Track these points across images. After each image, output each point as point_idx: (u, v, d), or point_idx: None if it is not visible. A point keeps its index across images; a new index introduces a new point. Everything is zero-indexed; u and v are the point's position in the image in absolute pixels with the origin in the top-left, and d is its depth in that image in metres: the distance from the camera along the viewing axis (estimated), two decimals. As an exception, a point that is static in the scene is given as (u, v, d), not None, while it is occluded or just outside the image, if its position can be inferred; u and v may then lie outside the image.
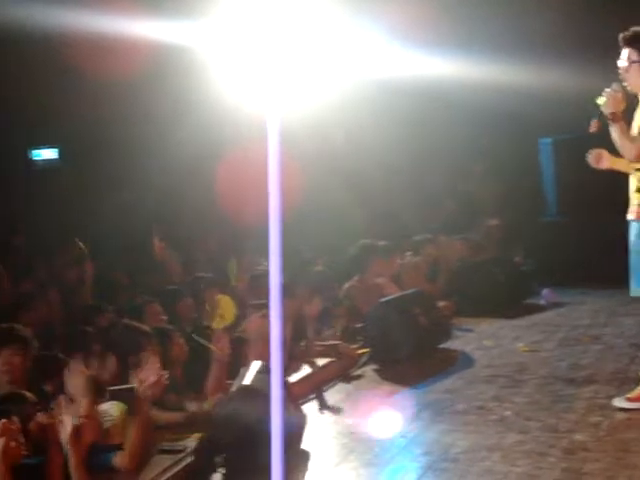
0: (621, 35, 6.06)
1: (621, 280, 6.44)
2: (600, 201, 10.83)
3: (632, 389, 6.18)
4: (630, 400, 6.07)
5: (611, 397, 6.28)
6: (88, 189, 10.96)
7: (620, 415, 5.97)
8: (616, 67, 6.09)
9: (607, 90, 6.01)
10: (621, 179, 6.35)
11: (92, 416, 4.87)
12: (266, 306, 6.72)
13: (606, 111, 5.99)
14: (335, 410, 6.68)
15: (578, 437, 5.62)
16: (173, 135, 10.62)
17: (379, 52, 11.33)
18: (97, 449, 4.96)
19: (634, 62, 6.00)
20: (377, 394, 7.07)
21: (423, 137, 13.32)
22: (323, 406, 6.78)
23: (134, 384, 5.26)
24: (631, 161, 6.04)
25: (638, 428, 5.73)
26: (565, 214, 11.72)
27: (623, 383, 6.60)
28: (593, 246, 10.86)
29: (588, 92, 6.18)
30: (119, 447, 5.06)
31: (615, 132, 5.98)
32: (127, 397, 5.18)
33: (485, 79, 11.51)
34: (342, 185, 13.11)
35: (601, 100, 6.01)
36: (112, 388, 5.27)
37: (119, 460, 5.05)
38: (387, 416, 6.41)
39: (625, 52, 6.05)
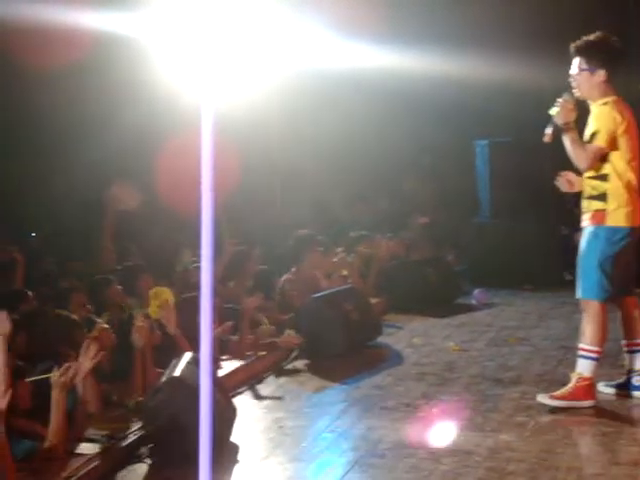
0: (572, 44, 6.19)
1: (551, 283, 6.53)
2: (532, 204, 11.01)
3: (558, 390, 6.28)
4: (554, 397, 6.17)
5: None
6: (22, 175, 10.80)
7: (545, 416, 6.06)
8: (567, 75, 6.23)
9: (559, 100, 6.12)
10: (554, 185, 6.48)
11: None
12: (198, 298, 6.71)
13: (559, 122, 6.10)
14: (264, 404, 6.68)
15: (503, 437, 5.68)
16: (112, 125, 10.52)
17: (321, 44, 11.33)
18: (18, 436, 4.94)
19: (583, 70, 6.14)
20: (307, 389, 7.09)
21: (361, 131, 13.36)
22: (253, 399, 6.78)
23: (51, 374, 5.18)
24: (584, 170, 6.17)
25: (563, 429, 5.82)
26: (498, 216, 11.85)
27: (550, 385, 6.69)
28: (525, 248, 11.00)
29: (526, 98, 6.27)
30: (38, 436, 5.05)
31: (568, 142, 6.11)
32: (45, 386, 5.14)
33: (429, 74, 11.60)
34: (276, 179, 13.11)
35: (554, 111, 6.12)
36: (30, 379, 5.22)
37: (42, 448, 5.01)
38: (316, 411, 6.44)
39: (576, 60, 6.19)
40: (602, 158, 6.11)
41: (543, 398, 6.22)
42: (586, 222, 6.23)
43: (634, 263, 6.28)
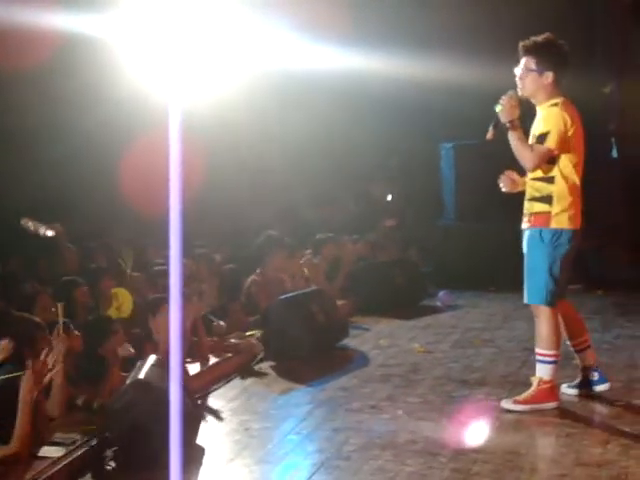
0: (521, 43, 6.19)
1: (515, 285, 6.56)
2: (496, 207, 11.05)
3: (522, 392, 6.31)
4: (517, 402, 6.20)
5: (502, 399, 6.40)
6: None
7: (510, 417, 6.09)
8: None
9: (503, 97, 6.12)
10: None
11: None
12: (165, 300, 6.71)
13: (503, 119, 6.10)
14: (230, 406, 6.66)
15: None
16: (77, 126, 10.47)
17: (289, 44, 11.34)
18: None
19: (532, 71, 6.13)
20: (272, 391, 7.08)
21: (328, 132, 13.37)
22: (218, 401, 6.76)
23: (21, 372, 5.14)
24: (529, 170, 6.15)
25: (527, 430, 5.86)
26: (463, 218, 11.90)
27: (514, 386, 6.74)
28: (489, 251, 11.06)
29: (492, 100, 6.28)
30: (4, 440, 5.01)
31: (513, 140, 6.08)
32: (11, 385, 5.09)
33: (395, 76, 11.63)
34: (244, 178, 13.09)
35: (498, 108, 6.12)
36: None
37: (6, 450, 4.97)
38: (282, 413, 6.44)
39: (523, 60, 6.18)
40: (549, 160, 6.08)
41: (507, 404, 6.24)
42: (527, 224, 6.20)
43: (572, 266, 6.29)
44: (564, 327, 6.40)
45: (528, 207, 6.21)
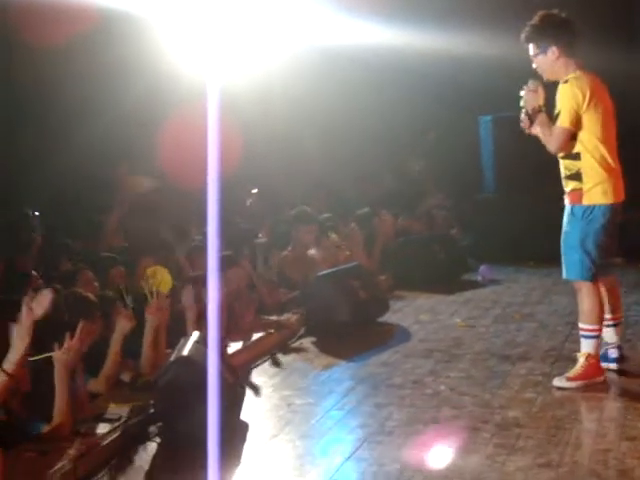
0: (521, 35, 6.16)
1: (555, 259, 6.51)
2: (536, 179, 10.96)
3: (566, 367, 6.27)
4: (569, 379, 6.15)
5: (545, 374, 6.38)
6: (26, 152, 10.76)
7: (553, 393, 6.06)
8: None
9: (525, 86, 6.09)
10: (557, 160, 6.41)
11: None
12: (203, 278, 6.71)
13: (527, 107, 6.07)
14: (272, 382, 6.68)
15: (512, 413, 5.69)
16: (117, 101, 10.48)
17: (324, 19, 11.30)
18: (24, 418, 4.95)
19: (537, 55, 6.10)
20: (314, 366, 7.09)
21: (365, 108, 13.31)
22: (261, 377, 6.78)
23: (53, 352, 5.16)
24: (555, 153, 6.11)
25: (571, 406, 5.82)
26: (503, 191, 11.82)
27: (557, 360, 6.71)
28: (529, 224, 10.98)
29: (530, 72, 6.23)
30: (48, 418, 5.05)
31: (537, 127, 6.07)
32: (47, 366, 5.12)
33: (430, 51, 11.56)
34: (281, 154, 13.08)
35: (522, 100, 6.10)
36: (31, 359, 5.20)
37: (48, 429, 5.02)
38: (324, 388, 6.45)
39: (529, 47, 6.15)
40: (572, 137, 6.00)
41: (559, 381, 6.17)
42: (565, 201, 6.19)
43: (616, 240, 6.21)
44: (606, 300, 6.34)
45: (565, 185, 6.19)
